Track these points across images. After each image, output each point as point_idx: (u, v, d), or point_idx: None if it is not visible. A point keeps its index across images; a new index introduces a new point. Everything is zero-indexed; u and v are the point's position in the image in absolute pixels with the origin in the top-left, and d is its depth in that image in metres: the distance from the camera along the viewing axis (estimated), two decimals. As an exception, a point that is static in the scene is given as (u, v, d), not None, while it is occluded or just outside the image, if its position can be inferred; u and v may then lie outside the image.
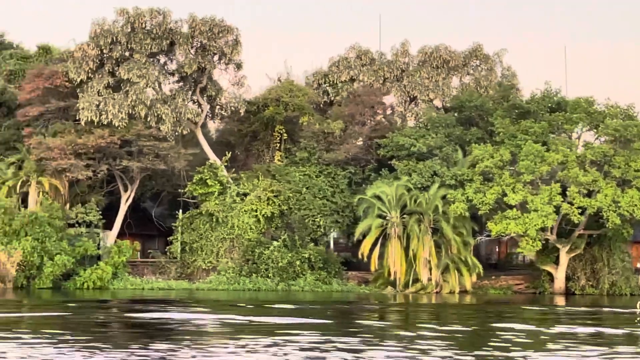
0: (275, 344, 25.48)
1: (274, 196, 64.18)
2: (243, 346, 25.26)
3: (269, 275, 62.18)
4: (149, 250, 66.39)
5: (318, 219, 64.25)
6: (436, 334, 30.17)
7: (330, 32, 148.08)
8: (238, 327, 32.42)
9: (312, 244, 64.00)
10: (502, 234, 59.52)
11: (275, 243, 62.85)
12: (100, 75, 62.49)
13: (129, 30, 62.20)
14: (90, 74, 62.39)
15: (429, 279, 60.84)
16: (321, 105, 71.16)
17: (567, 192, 58.32)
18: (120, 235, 66.47)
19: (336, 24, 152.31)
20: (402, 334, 30.40)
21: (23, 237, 58.36)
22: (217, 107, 67.85)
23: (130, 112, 61.30)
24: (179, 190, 68.10)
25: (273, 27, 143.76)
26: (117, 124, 60.99)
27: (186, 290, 60.48)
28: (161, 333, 29.91)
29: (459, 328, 33.57)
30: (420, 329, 32.10)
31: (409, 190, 61.13)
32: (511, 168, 60.75)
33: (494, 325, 35.28)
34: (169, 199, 71.30)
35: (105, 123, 61.13)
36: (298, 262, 62.17)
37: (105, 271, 59.87)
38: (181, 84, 66.65)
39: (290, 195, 64.50)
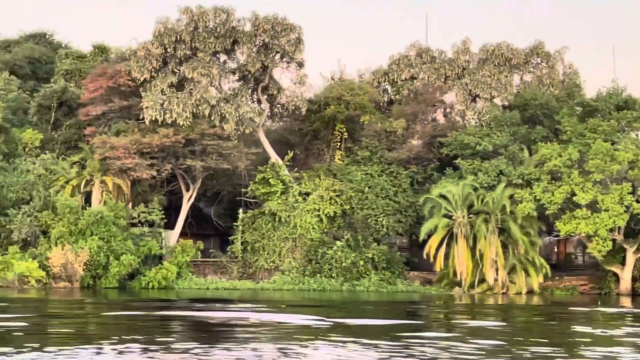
0: (445, 350, 24.44)
1: (336, 195, 63.71)
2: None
3: (333, 275, 61.74)
4: (210, 250, 66.04)
5: (381, 219, 63.65)
6: (588, 339, 28.93)
7: (378, 31, 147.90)
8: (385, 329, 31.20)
9: (375, 243, 63.41)
10: (572, 234, 58.77)
11: (338, 243, 62.35)
12: (163, 74, 62.29)
13: (192, 28, 61.95)
14: (153, 73, 62.19)
15: (495, 280, 60.07)
16: (381, 104, 70.50)
17: (637, 191, 57.41)
18: (180, 234, 66.30)
19: (384, 23, 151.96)
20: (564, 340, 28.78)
21: (89, 237, 58.37)
22: (278, 106, 67.52)
23: (194, 111, 61.06)
24: (239, 189, 67.96)
25: (323, 25, 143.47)
26: (181, 123, 60.75)
27: (251, 290, 60.23)
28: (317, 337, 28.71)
29: (608, 332, 31.93)
30: (570, 335, 30.73)
31: (475, 189, 60.42)
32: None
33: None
34: (228, 198, 71.06)
35: (170, 122, 60.88)
36: (362, 262, 61.67)
37: (170, 271, 59.67)
38: (241, 82, 66.33)
39: (353, 194, 63.98)
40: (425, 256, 60.70)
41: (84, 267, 57.22)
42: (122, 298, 51.40)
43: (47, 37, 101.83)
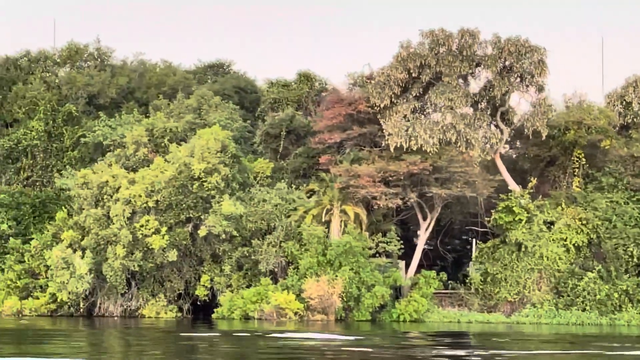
0: None
1: (582, 224, 60.63)
2: None
3: (586, 308, 58.69)
4: (448, 282, 63.50)
5: (631, 249, 60.23)
6: None
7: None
8: None
9: (626, 275, 59.98)
10: None
11: (589, 274, 59.23)
12: (404, 100, 60.48)
13: (436, 52, 60.05)
14: (393, 99, 60.41)
15: None
16: (617, 128, 67.10)
17: None
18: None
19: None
20: None
21: (338, 268, 56.71)
22: (512, 131, 64.91)
23: (440, 137, 59.00)
24: (468, 218, 65.70)
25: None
26: (428, 150, 58.71)
27: (505, 324, 57.51)
28: None
29: None
30: None
31: None
32: None
33: None
34: (458, 227, 68.76)
35: (414, 149, 58.91)
36: (616, 295, 58.43)
37: (421, 303, 57.56)
38: (474, 107, 63.88)
39: (599, 223, 60.78)
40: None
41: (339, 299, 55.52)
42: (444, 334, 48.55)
43: (225, 67, 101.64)
